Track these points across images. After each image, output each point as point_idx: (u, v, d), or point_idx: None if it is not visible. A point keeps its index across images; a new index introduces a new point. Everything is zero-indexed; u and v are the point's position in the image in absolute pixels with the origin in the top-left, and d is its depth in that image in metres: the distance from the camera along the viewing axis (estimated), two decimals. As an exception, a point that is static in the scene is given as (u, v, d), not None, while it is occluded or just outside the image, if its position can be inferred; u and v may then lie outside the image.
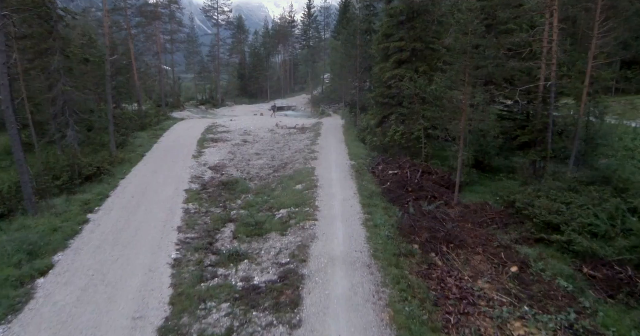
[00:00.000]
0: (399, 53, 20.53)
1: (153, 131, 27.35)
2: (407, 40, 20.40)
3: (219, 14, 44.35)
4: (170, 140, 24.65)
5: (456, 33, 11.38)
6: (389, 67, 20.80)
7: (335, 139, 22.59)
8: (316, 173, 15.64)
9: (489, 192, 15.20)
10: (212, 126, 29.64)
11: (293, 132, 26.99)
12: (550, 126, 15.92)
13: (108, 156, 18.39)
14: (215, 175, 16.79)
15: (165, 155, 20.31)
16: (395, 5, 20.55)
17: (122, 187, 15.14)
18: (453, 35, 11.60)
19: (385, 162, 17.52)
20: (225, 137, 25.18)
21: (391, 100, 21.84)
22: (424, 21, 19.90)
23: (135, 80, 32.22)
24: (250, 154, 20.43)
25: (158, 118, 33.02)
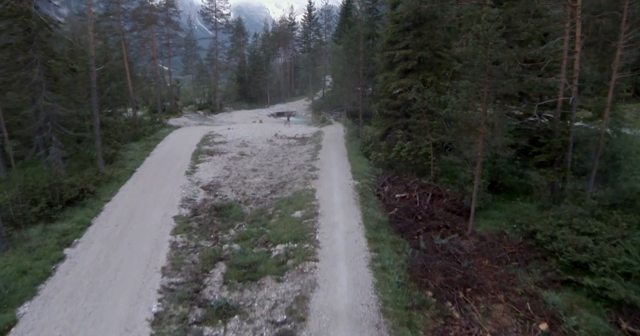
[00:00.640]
0: (404, 62, 19.33)
1: (147, 142, 26.19)
2: (413, 48, 19.19)
3: (217, 17, 43.11)
4: (164, 152, 23.48)
5: (474, 47, 10.14)
6: (394, 77, 19.60)
7: (337, 153, 21.38)
8: (317, 197, 14.45)
9: (505, 218, 14.00)
10: (209, 136, 28.46)
11: (293, 142, 25.80)
12: (570, 145, 14.72)
13: (94, 175, 17.23)
14: (208, 197, 15.61)
15: (156, 172, 19.14)
16: (401, 11, 19.33)
17: (106, 212, 13.98)
18: (470, 49, 10.35)
19: (391, 182, 16.32)
20: (221, 149, 24.00)
21: (396, 112, 20.65)
22: (431, 28, 18.68)
23: (130, 86, 31.05)
24: (247, 170, 19.24)
25: (153, 126, 31.86)
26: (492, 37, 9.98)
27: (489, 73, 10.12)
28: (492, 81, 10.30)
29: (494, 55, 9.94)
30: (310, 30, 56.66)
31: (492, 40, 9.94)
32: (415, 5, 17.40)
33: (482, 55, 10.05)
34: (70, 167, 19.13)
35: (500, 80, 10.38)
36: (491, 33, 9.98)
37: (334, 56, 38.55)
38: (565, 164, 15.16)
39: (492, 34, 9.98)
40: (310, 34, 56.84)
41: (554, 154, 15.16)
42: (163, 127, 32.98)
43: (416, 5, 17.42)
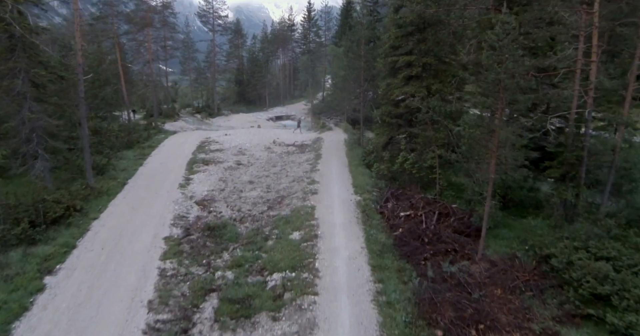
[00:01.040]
0: (408, 68, 18.52)
1: (141, 150, 25.37)
2: (417, 54, 18.37)
3: (214, 19, 42.25)
4: (158, 161, 22.67)
5: (487, 59, 9.32)
6: (397, 84, 18.80)
7: (337, 163, 20.58)
8: (316, 215, 13.65)
9: (516, 238, 13.23)
10: (205, 143, 27.64)
11: (292, 150, 25.00)
12: (584, 159, 13.94)
13: (82, 189, 16.42)
14: (202, 214, 14.81)
15: (149, 184, 18.33)
16: (404, 15, 18.49)
17: (93, 232, 13.18)
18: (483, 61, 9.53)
19: (395, 197, 15.52)
20: (217, 158, 23.19)
21: (399, 120, 19.85)
22: (436, 33, 17.85)
23: (124, 91, 30.23)
24: (243, 182, 18.43)
25: (148, 132, 31.05)
26: (508, 49, 9.16)
27: (504, 87, 9.30)
28: (507, 96, 9.48)
29: (509, 69, 9.11)
30: (310, 31, 55.79)
31: (509, 52, 9.11)
32: (419, 9, 16.57)
33: (497, 68, 9.23)
34: (59, 179, 18.32)
35: (516, 95, 9.55)
36: (507, 44, 9.16)
37: (334, 60, 37.75)
38: (579, 179, 14.38)
39: (508, 46, 9.16)
40: (310, 35, 55.97)
41: (567, 169, 14.39)
42: (159, 133, 32.16)
43: (421, 9, 16.60)
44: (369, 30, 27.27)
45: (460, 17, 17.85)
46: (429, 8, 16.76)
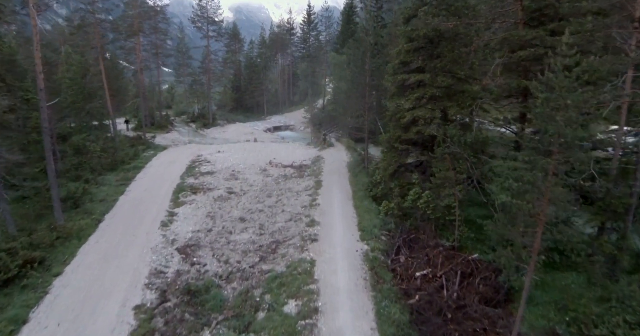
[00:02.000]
0: (420, 88, 16.41)
1: (124, 172, 23.24)
2: (431, 72, 16.27)
3: (209, 25, 39.99)
4: (142, 188, 20.55)
5: (542, 107, 7.16)
6: (408, 106, 16.66)
7: (340, 194, 18.44)
8: (316, 275, 11.55)
9: (553, 303, 11.18)
10: (196, 162, 25.53)
11: (289, 173, 22.87)
12: (632, 209, 11.86)
13: (49, 232, 14.35)
14: (183, 268, 12.70)
15: (127, 221, 16.23)
16: (416, 27, 16.32)
17: (52, 297, 11.12)
18: (538, 112, 7.36)
19: (407, 245, 13.43)
20: (207, 183, 21.07)
21: (410, 146, 17.74)
22: (453, 48, 15.68)
23: (109, 105, 28.07)
24: (234, 220, 16.33)
25: (136, 149, 28.91)
26: (571, 89, 6.94)
27: (566, 145, 7.13)
28: (570, 155, 7.31)
29: (572, 119, 6.93)
30: (310, 35, 53.52)
31: (571, 98, 6.93)
32: (436, 23, 14.38)
33: (557, 118, 7.00)
34: (27, 216, 16.26)
35: (577, 153, 7.38)
36: (568, 85, 6.94)
37: (335, 68, 35.56)
38: (625, 229, 12.31)
39: (570, 85, 6.94)
40: (310, 39, 53.71)
41: (610, 216, 12.32)
42: (148, 149, 30.03)
43: (437, 23, 14.40)
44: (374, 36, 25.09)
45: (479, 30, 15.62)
46: (447, 21, 14.59)
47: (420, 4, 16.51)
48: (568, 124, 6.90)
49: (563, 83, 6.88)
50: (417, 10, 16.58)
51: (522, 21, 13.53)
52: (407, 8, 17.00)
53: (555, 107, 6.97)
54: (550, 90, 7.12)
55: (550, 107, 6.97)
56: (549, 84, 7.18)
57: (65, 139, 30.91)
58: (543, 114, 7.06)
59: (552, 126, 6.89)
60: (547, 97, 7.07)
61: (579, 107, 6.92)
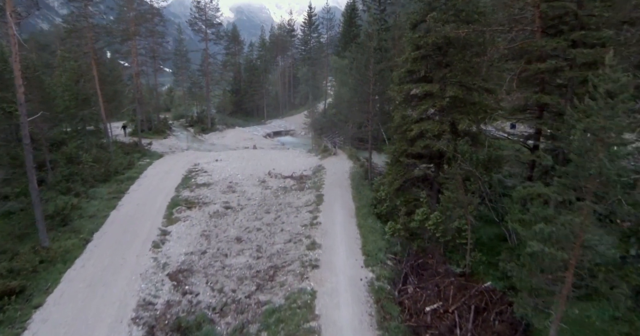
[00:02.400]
0: (428, 99, 15.43)
1: (118, 184, 22.31)
2: (439, 83, 15.29)
3: (207, 28, 39.02)
4: (135, 202, 19.63)
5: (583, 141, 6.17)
6: (414, 117, 15.68)
7: (342, 211, 17.46)
8: (317, 309, 10.59)
9: None
10: (192, 172, 24.62)
11: (289, 184, 21.91)
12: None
13: (32, 256, 13.46)
14: (174, 298, 11.76)
15: (117, 241, 15.31)
16: (423, 33, 15.32)
17: (30, 334, 10.18)
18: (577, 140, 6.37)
19: (416, 273, 12.46)
20: (203, 197, 20.14)
21: (416, 161, 16.76)
22: (464, 58, 14.66)
23: (102, 112, 27.14)
24: (230, 240, 15.39)
25: (131, 157, 28.01)
26: (617, 116, 5.94)
27: (608, 182, 6.15)
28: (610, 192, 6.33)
29: (614, 157, 5.96)
30: (311, 37, 52.49)
31: (614, 124, 5.92)
32: (447, 30, 13.33)
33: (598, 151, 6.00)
34: (12, 235, 15.36)
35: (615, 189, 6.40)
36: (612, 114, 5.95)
37: (337, 73, 34.60)
38: (654, 258, 11.32)
39: (618, 111, 5.94)
40: (311, 41, 52.67)
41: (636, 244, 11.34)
42: (144, 156, 29.12)
43: (449, 31, 13.35)
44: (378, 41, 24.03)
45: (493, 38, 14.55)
46: (457, 28, 13.55)
47: (428, 9, 15.52)
48: (612, 160, 5.91)
49: (606, 113, 5.88)
50: (425, 16, 15.57)
51: (539, 29, 12.50)
52: (414, 13, 15.97)
53: (596, 141, 5.97)
54: (591, 120, 6.11)
55: (590, 141, 5.98)
56: (589, 112, 6.18)
57: (60, 145, 30.16)
58: (581, 148, 6.06)
59: (593, 164, 5.90)
60: (587, 128, 6.06)
61: (624, 141, 5.93)
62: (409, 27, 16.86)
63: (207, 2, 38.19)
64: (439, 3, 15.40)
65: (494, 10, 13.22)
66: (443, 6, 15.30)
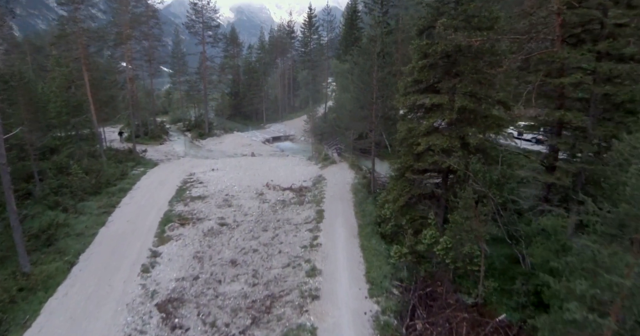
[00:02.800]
0: (437, 111, 14.44)
1: (109, 197, 21.33)
2: (449, 94, 14.29)
3: (204, 30, 37.97)
4: (125, 217, 18.68)
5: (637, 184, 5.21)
6: (421, 131, 14.66)
7: (344, 229, 16.48)
8: (318, 351, 9.60)
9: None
10: (187, 183, 23.64)
11: (288, 198, 20.91)
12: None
13: (12, 282, 12.51)
14: (162, 333, 10.79)
15: (104, 264, 14.36)
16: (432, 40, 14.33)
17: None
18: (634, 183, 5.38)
19: (424, 304, 11.47)
20: (197, 212, 19.16)
21: (422, 176, 15.77)
22: (476, 66, 13.66)
23: (94, 118, 26.13)
24: (224, 264, 14.41)
25: (125, 166, 27.03)
26: None
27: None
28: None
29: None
30: (311, 38, 51.40)
31: None
32: (457, 39, 12.30)
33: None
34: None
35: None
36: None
37: (338, 77, 33.60)
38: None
39: None
40: (311, 44, 51.59)
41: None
42: (137, 165, 28.13)
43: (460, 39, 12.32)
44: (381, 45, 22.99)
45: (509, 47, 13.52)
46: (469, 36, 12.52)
47: (436, 14, 14.49)
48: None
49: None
50: (432, 22, 14.55)
51: (559, 39, 11.49)
52: (422, 18, 14.92)
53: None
54: None
55: None
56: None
57: (53, 152, 29.17)
58: (636, 195, 5.06)
59: None
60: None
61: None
62: (415, 33, 15.84)
63: (204, 4, 37.12)
64: (447, 8, 14.42)
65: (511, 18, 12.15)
66: (452, 11, 14.31)
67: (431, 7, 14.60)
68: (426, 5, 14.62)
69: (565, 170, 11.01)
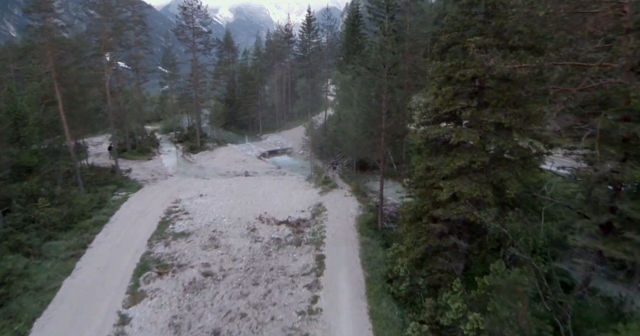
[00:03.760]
0: (465, 151, 11.94)
1: (81, 233, 18.83)
2: (479, 128, 11.81)
3: (195, 36, 35.30)
4: (96, 263, 16.22)
5: None
6: (443, 172, 12.11)
7: (349, 286, 13.90)
8: None
9: None
10: (172, 213, 21.14)
11: (283, 235, 18.38)
12: None
13: None
14: None
15: (62, 334, 11.86)
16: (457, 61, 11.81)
17: None
18: None
19: None
20: (179, 256, 16.64)
21: (444, 227, 13.21)
22: (515, 95, 11.14)
23: (68, 140, 23.53)
24: (207, 333, 11.88)
25: (105, 189, 24.52)
26: None
27: None
28: None
29: None
30: (310, 42, 48.73)
31: None
32: (501, 68, 9.68)
33: None
34: None
35: None
36: None
37: (340, 89, 31.01)
38: None
39: None
40: (310, 48, 48.92)
41: None
42: (119, 188, 25.59)
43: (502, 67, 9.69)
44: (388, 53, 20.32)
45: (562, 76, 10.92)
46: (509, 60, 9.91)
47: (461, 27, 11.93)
48: None
49: None
50: (459, 38, 11.99)
51: (629, 68, 8.94)
52: (446, 34, 12.28)
53: None
54: None
55: None
56: None
57: (30, 171, 26.62)
58: None
59: None
60: None
61: None
62: (436, 50, 13.21)
63: (194, 8, 34.41)
64: (475, 20, 11.86)
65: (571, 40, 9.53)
66: (480, 24, 11.74)
67: (456, 20, 12.03)
68: (451, 18, 12.01)
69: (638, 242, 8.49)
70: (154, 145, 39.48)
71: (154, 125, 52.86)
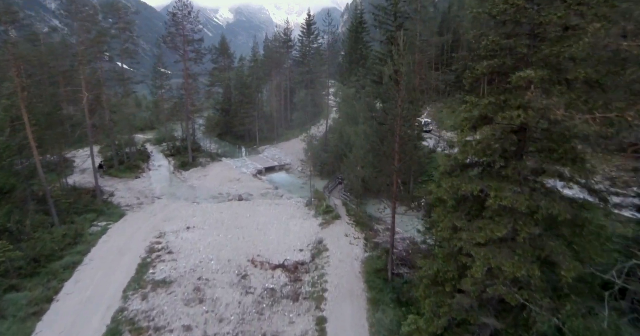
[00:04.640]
0: (505, 215, 9.57)
1: (48, 281, 16.48)
2: (523, 186, 9.45)
3: (185, 44, 32.74)
4: (60, 322, 14.00)
5: None
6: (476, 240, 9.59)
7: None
8: None
9: None
10: (154, 252, 18.78)
11: (279, 286, 15.94)
12: None
13: None
14: None
15: None
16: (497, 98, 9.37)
17: None
18: None
19: None
20: (158, 313, 14.24)
21: (474, 302, 10.73)
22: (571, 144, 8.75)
23: (38, 166, 21.10)
24: None
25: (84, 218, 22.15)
26: None
27: None
28: None
29: None
30: (310, 48, 46.12)
31: None
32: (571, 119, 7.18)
33: None
34: None
35: None
36: None
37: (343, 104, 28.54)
38: None
39: None
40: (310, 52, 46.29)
41: None
42: (99, 216, 23.18)
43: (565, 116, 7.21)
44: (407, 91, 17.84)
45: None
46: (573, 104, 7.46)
47: (501, 54, 9.43)
48: None
49: None
50: (500, 67, 9.48)
51: None
52: (483, 60, 9.74)
53: None
54: None
55: None
56: None
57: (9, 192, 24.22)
58: None
59: None
60: None
61: None
62: (468, 81, 10.59)
63: (185, 14, 31.82)
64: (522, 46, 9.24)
65: None
66: (525, 48, 9.15)
67: (497, 45, 9.43)
68: (491, 42, 9.38)
69: None
70: (144, 159, 37.08)
71: (146, 134, 50.43)
